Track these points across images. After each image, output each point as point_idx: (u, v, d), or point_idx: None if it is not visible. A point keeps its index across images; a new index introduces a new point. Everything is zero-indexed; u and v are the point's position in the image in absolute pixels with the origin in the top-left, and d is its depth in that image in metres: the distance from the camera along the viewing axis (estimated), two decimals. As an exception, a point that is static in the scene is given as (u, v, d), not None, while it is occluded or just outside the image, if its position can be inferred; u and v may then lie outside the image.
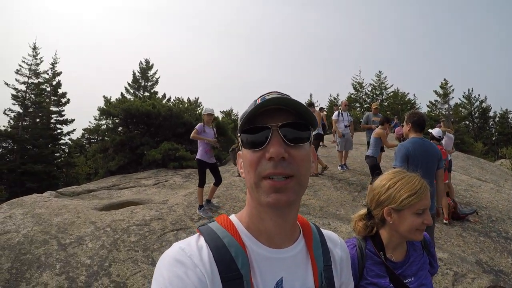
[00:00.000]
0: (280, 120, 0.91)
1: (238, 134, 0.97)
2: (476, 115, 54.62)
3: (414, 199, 1.74)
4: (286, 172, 0.88)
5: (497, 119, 56.10)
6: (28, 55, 32.51)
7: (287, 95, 0.97)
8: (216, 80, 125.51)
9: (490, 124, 55.79)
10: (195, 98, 44.15)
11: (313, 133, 1.01)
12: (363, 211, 1.99)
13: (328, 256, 1.08)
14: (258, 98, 0.98)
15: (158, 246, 6.07)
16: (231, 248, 0.91)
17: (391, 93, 51.79)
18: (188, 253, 0.89)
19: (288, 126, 0.91)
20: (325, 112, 17.34)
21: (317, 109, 16.95)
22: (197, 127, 7.77)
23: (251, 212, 0.98)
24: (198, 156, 7.78)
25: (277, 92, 1.00)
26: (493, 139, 54.31)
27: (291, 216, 0.98)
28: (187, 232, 6.69)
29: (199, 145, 7.80)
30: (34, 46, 32.86)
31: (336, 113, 11.79)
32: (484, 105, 54.50)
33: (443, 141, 8.44)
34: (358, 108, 50.39)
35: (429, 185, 4.26)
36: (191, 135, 7.67)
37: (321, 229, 1.17)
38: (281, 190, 0.88)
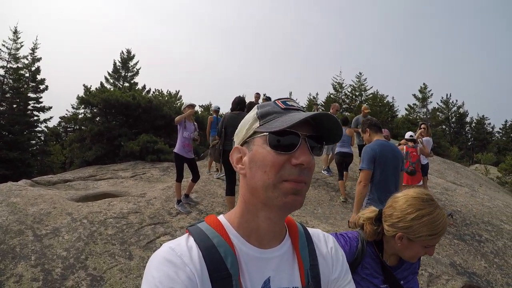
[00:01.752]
0: (307, 131, 0.95)
1: (264, 132, 0.94)
2: (453, 120, 55.50)
3: (431, 239, 1.73)
4: (306, 180, 0.93)
5: (474, 124, 57.19)
6: (9, 39, 31.76)
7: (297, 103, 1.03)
8: (196, 75, 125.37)
9: (466, 129, 56.77)
10: (176, 91, 43.84)
11: None
12: (373, 213, 1.96)
13: (315, 255, 1.09)
14: (278, 100, 1.01)
15: (136, 240, 6.01)
16: (220, 248, 0.93)
17: (370, 95, 52.14)
18: (178, 253, 0.90)
19: (311, 138, 0.95)
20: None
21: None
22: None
23: (247, 210, 0.99)
24: (175, 150, 7.68)
25: (291, 99, 1.03)
26: (469, 144, 55.31)
27: (285, 217, 1.03)
28: (164, 227, 6.65)
29: (178, 139, 7.71)
30: (15, 30, 32.08)
31: None
32: (461, 110, 55.42)
33: (419, 144, 8.55)
34: (338, 108, 50.58)
35: (396, 190, 4.35)
36: (176, 119, 7.58)
37: (307, 228, 1.18)
38: (298, 192, 0.92)
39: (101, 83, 35.26)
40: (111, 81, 37.91)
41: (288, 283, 0.99)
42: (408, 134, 8.26)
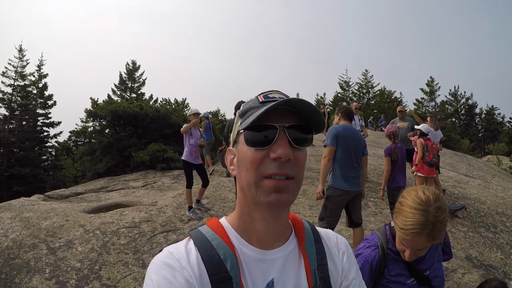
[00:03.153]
0: (287, 121, 0.90)
1: (240, 130, 0.94)
2: (462, 112, 55.14)
3: (401, 232, 1.75)
4: (289, 174, 0.88)
5: (483, 115, 56.75)
6: (14, 57, 32.21)
7: (288, 95, 0.98)
8: (203, 81, 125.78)
9: (476, 121, 56.38)
10: (183, 99, 44.05)
11: None
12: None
13: (323, 255, 1.05)
14: (260, 95, 0.97)
15: (149, 248, 6.03)
16: (220, 250, 0.91)
17: (378, 92, 52.02)
18: (176, 256, 0.89)
19: (293, 128, 0.90)
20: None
21: None
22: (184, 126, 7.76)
23: (242, 212, 0.97)
24: (183, 157, 7.76)
25: (278, 91, 0.99)
26: (480, 135, 54.95)
27: (283, 216, 0.99)
28: (177, 234, 6.66)
29: (184, 146, 7.78)
30: (20, 48, 32.59)
31: None
32: (470, 102, 55.05)
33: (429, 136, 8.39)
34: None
35: (357, 167, 5.12)
36: (182, 129, 7.64)
37: (317, 227, 1.15)
38: (282, 190, 0.88)
39: (108, 95, 35.55)
40: (118, 92, 38.29)
41: (295, 285, 0.96)
42: (425, 129, 8.00)
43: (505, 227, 7.77)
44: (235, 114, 7.14)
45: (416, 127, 8.49)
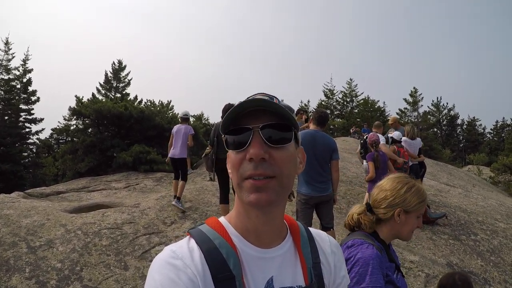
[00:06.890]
0: (262, 121, 0.91)
1: (222, 135, 0.98)
2: (444, 122, 55.90)
3: (422, 205, 1.99)
4: (266, 173, 0.89)
5: (465, 126, 57.68)
6: (0, 50, 31.76)
7: (274, 96, 1.01)
8: (188, 84, 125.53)
9: (457, 131, 57.26)
10: (168, 101, 43.77)
11: None
12: (362, 207, 2.10)
13: (317, 254, 1.09)
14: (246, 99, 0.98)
15: (131, 250, 5.98)
16: (222, 249, 0.92)
17: (361, 101, 52.30)
18: (179, 255, 0.89)
19: (269, 127, 0.91)
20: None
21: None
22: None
23: (239, 211, 0.99)
24: (184, 155, 8.47)
25: (264, 93, 1.01)
26: (461, 145, 55.76)
27: (276, 215, 1.00)
28: (159, 236, 6.62)
29: (181, 147, 8.45)
30: (7, 41, 32.10)
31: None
32: (452, 113, 55.88)
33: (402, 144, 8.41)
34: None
35: (324, 172, 5.26)
36: (192, 143, 8.64)
37: (310, 228, 1.18)
38: (261, 189, 0.89)
39: (93, 94, 35.21)
40: (103, 92, 37.88)
41: (292, 282, 0.99)
42: (396, 136, 8.13)
43: (485, 235, 7.89)
44: (222, 117, 7.17)
45: (389, 135, 8.56)
